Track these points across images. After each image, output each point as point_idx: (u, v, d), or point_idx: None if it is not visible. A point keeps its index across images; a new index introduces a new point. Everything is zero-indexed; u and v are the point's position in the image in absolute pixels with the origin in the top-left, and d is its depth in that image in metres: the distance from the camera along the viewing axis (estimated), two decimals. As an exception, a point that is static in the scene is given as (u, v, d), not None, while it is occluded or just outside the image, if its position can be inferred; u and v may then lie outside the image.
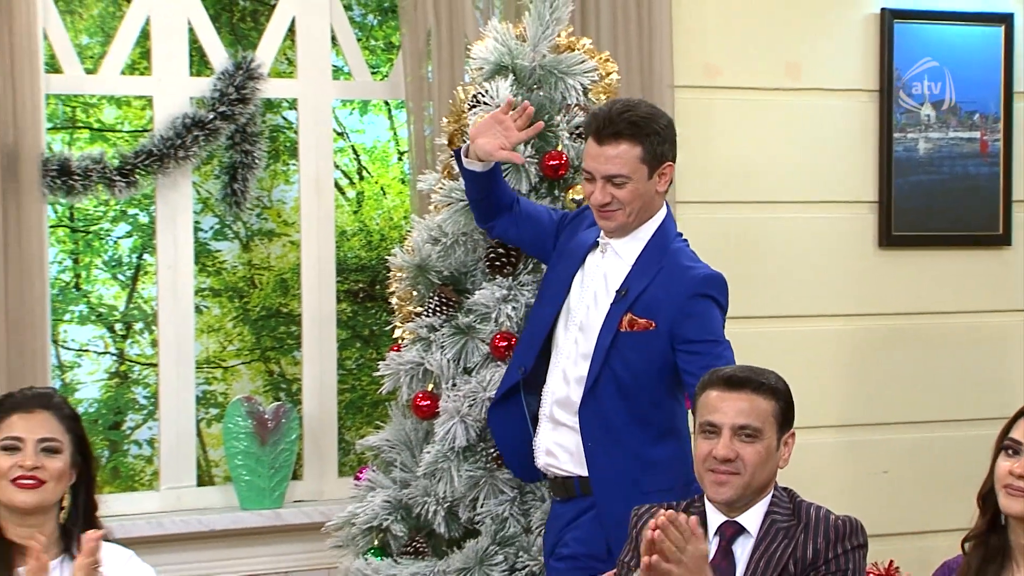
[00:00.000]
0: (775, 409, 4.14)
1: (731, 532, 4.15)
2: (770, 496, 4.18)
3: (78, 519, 4.35)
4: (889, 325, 6.64)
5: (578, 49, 5.46)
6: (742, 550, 4.15)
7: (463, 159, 4.95)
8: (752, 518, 4.15)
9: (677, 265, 4.83)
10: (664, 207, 4.95)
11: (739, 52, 6.47)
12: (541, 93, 5.37)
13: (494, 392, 5.08)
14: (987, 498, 3.96)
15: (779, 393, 4.18)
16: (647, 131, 4.79)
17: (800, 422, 4.36)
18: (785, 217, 6.52)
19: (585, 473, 4.80)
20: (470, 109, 5.37)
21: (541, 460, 4.92)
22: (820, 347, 6.53)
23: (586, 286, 4.90)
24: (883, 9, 6.57)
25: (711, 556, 4.08)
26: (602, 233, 4.90)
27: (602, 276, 4.87)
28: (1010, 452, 3.90)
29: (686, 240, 5.03)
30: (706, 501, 4.21)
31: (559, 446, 4.88)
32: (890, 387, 6.63)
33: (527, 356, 4.97)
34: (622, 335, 4.77)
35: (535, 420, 4.98)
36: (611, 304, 4.80)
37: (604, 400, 4.80)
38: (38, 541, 4.13)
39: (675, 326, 4.73)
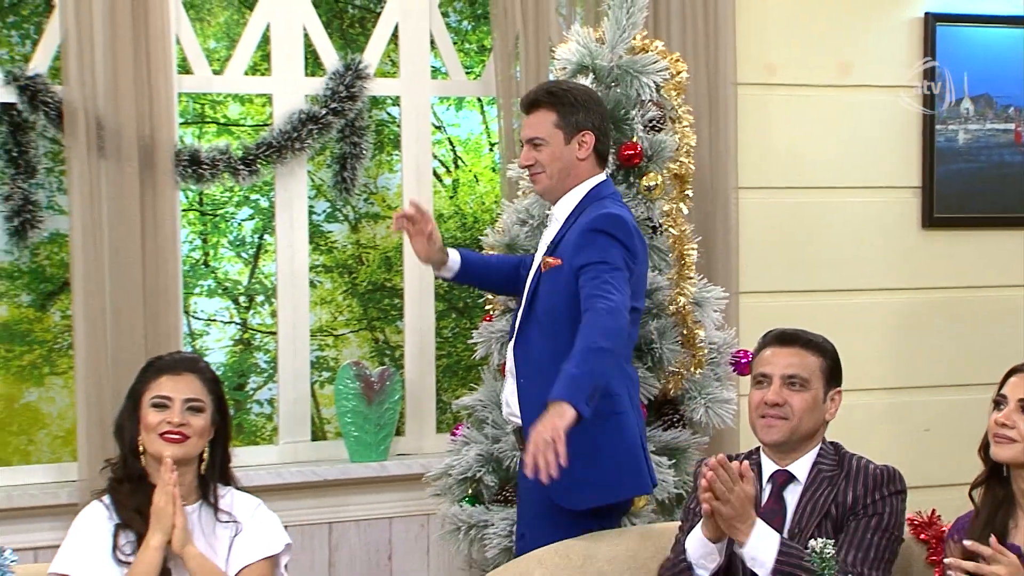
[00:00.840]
0: (822, 365, 4.21)
1: (782, 480, 4.22)
2: (818, 448, 4.23)
3: (215, 470, 4.42)
4: (931, 298, 6.62)
5: (651, 50, 5.46)
6: (792, 496, 4.20)
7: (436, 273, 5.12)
8: (801, 467, 4.20)
9: (587, 215, 4.79)
10: (601, 175, 4.95)
11: (795, 52, 6.45)
12: (618, 90, 5.38)
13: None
14: (986, 450, 4.02)
15: (826, 352, 4.26)
16: (563, 100, 4.86)
17: (850, 384, 4.40)
18: (837, 201, 6.51)
19: None
20: (555, 103, 5.44)
21: (504, 411, 4.96)
22: (869, 318, 6.52)
23: (537, 251, 4.97)
24: (927, 13, 6.54)
25: (764, 501, 4.20)
26: (549, 205, 4.99)
27: (545, 239, 4.92)
28: (999, 406, 3.99)
29: (624, 205, 4.99)
30: (762, 453, 4.28)
31: (512, 395, 4.89)
32: (931, 354, 6.62)
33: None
34: (541, 276, 4.82)
35: None
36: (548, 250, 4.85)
37: (530, 339, 4.83)
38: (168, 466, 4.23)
39: (574, 258, 4.68)
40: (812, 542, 3.41)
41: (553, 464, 4.19)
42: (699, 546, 4.11)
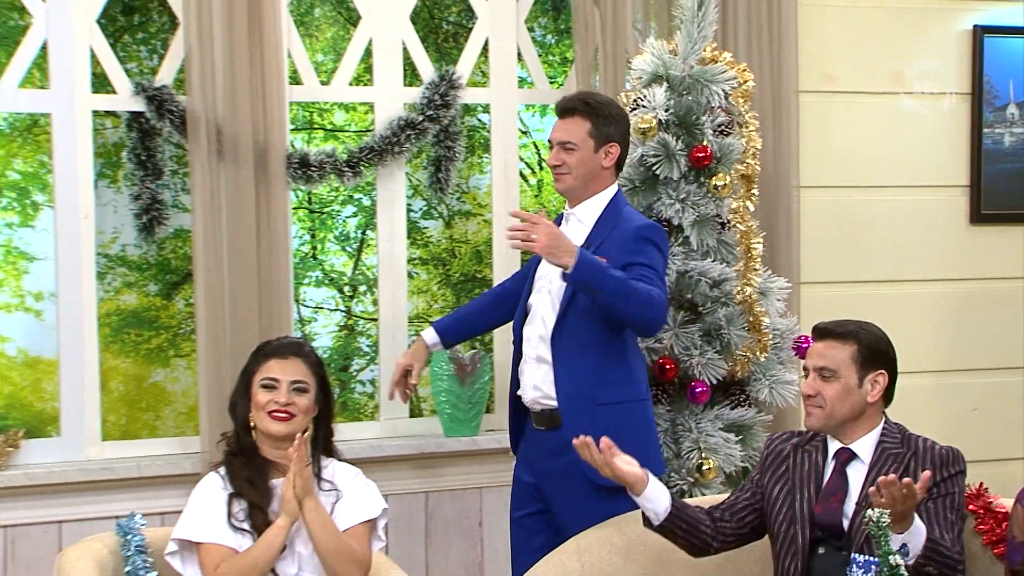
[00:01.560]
0: (853, 353, 4.18)
1: (845, 457, 4.20)
2: (880, 428, 4.22)
3: (318, 444, 4.48)
4: (977, 288, 6.61)
5: (720, 61, 5.50)
6: (855, 473, 4.18)
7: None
8: (863, 446, 4.20)
9: (626, 221, 4.88)
10: (614, 185, 5.01)
11: (853, 62, 6.46)
12: (690, 98, 5.42)
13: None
14: None
15: (860, 339, 4.22)
16: (598, 112, 4.92)
17: (904, 368, 4.39)
18: (891, 199, 6.51)
19: None
20: (631, 111, 5.44)
21: (528, 395, 4.96)
22: (920, 306, 6.52)
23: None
24: (975, 26, 6.53)
25: (828, 476, 4.21)
26: (567, 206, 5.02)
27: (576, 237, 4.86)
28: None
29: (636, 211, 5.11)
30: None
31: (545, 381, 4.90)
32: (978, 339, 6.61)
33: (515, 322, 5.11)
34: None
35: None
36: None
37: (571, 329, 4.83)
38: (297, 444, 4.27)
39: (622, 258, 4.74)
40: (869, 512, 3.40)
41: (531, 243, 4.53)
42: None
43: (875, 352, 4.24)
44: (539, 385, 4.89)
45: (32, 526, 5.47)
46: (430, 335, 5.26)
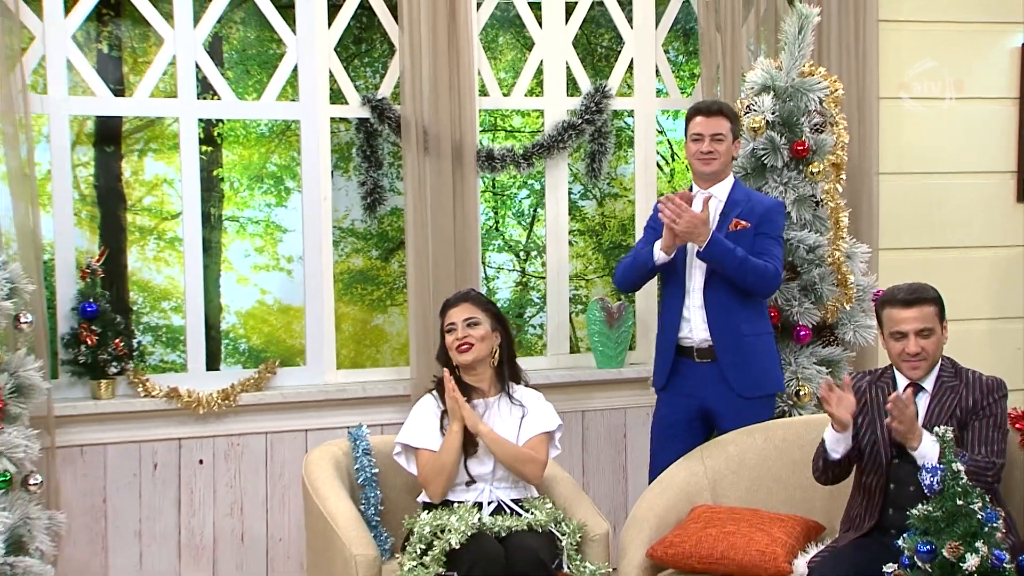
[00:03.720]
0: (936, 311, 4.15)
1: (915, 390, 4.15)
2: (939, 364, 4.18)
3: (504, 365, 4.55)
4: (1021, 253, 6.51)
5: (816, 74, 5.47)
6: (922, 401, 4.13)
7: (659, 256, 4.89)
8: (929, 380, 4.15)
9: (759, 197, 4.98)
10: (732, 175, 5.04)
11: (922, 72, 6.38)
12: (791, 103, 5.40)
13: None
14: None
15: (936, 299, 4.18)
16: (734, 116, 4.98)
17: (961, 315, 4.37)
18: (952, 182, 6.41)
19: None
20: (744, 114, 5.44)
21: (696, 336, 4.89)
22: (974, 267, 6.42)
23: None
24: (1023, 44, 6.44)
25: None
26: (698, 186, 4.97)
27: (713, 210, 4.87)
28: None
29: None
30: (894, 371, 4.24)
31: (703, 324, 4.87)
32: (1021, 292, 6.51)
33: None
34: (730, 233, 4.82)
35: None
36: (720, 219, 4.87)
37: (717, 286, 4.85)
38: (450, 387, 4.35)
39: (760, 226, 4.85)
40: (936, 428, 3.39)
41: (681, 214, 4.63)
42: (831, 436, 4.14)
43: (942, 306, 4.21)
44: (700, 327, 4.88)
45: (285, 433, 5.60)
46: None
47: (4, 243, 4.98)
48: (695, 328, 4.89)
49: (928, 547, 3.11)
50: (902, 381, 4.19)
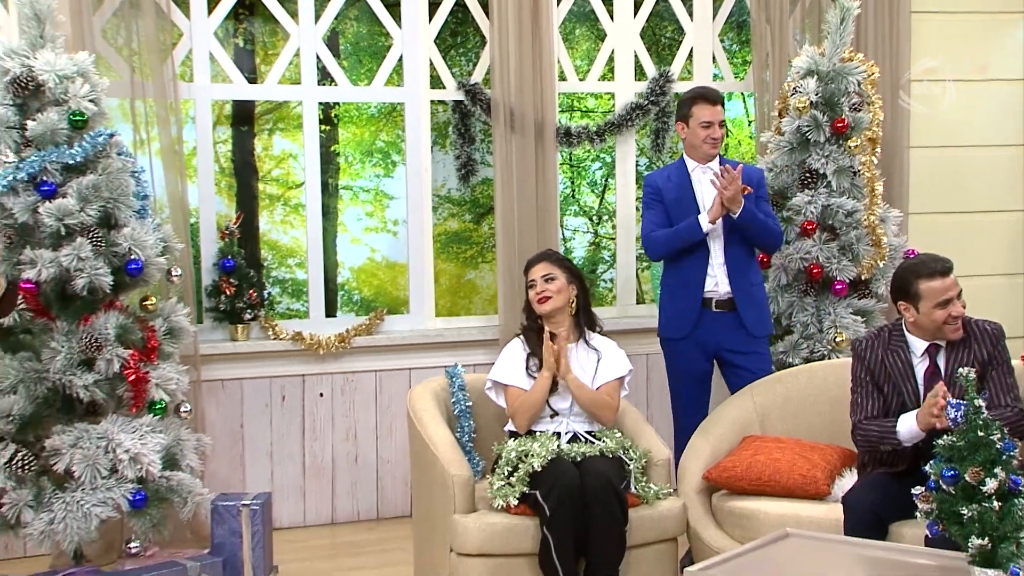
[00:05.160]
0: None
1: (934, 351, 3.98)
2: None
3: (581, 314, 4.49)
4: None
5: (855, 59, 5.40)
6: (941, 358, 3.97)
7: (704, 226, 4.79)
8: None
9: (746, 168, 4.84)
10: None
11: (949, 57, 6.28)
12: (833, 85, 5.33)
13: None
14: None
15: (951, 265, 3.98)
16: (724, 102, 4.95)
17: (981, 271, 4.29)
18: (975, 155, 6.33)
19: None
20: (791, 95, 5.38)
21: (722, 289, 4.85)
22: (995, 229, 6.33)
23: (708, 188, 4.82)
24: (1042, 32, 6.33)
25: (926, 367, 3.98)
26: (693, 164, 4.89)
27: (711, 181, 4.79)
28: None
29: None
30: (905, 332, 4.00)
31: (726, 280, 4.85)
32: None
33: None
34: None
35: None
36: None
37: (735, 245, 4.83)
38: (553, 338, 4.32)
39: (757, 192, 4.83)
40: (961, 370, 3.29)
41: (724, 191, 4.64)
42: (912, 433, 3.86)
43: None
44: (724, 281, 4.86)
45: (392, 372, 5.66)
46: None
47: (157, 208, 5.08)
48: (720, 282, 4.85)
49: (952, 472, 3.08)
50: (917, 343, 3.99)
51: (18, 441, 4.36)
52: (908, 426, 3.85)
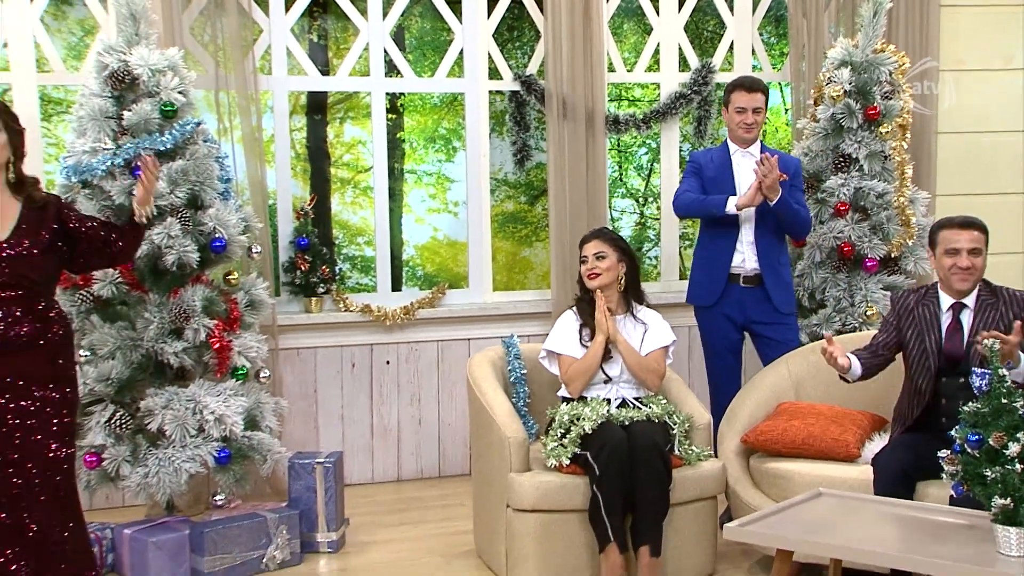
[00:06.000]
0: (985, 238, 3.98)
1: (958, 308, 3.99)
2: (978, 288, 4.03)
3: (629, 289, 4.45)
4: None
5: (886, 50, 5.34)
6: (965, 318, 3.98)
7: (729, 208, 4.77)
8: (970, 298, 4.00)
9: (782, 155, 4.82)
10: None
11: (975, 48, 6.17)
12: (866, 75, 5.27)
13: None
14: None
15: (985, 229, 4.00)
16: (767, 89, 4.88)
17: (1001, 249, 4.24)
18: (998, 140, 6.22)
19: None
20: (826, 84, 5.32)
21: (748, 265, 4.81)
22: (1013, 209, 6.23)
23: (746, 171, 4.79)
24: (1062, 22, 6.19)
25: (948, 323, 3.99)
26: (735, 148, 4.85)
27: (750, 164, 4.76)
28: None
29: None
30: (938, 289, 4.05)
31: (755, 258, 4.81)
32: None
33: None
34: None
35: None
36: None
37: (767, 222, 4.78)
38: (600, 302, 4.28)
39: (792, 181, 4.78)
40: (986, 341, 3.26)
41: (763, 179, 4.59)
42: (851, 375, 4.03)
43: (988, 236, 4.06)
44: (752, 259, 4.83)
45: (453, 341, 5.69)
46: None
47: (239, 191, 5.13)
48: (747, 260, 4.82)
49: (977, 437, 3.05)
50: (945, 299, 4.02)
51: (116, 402, 4.46)
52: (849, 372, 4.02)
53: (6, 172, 3.45)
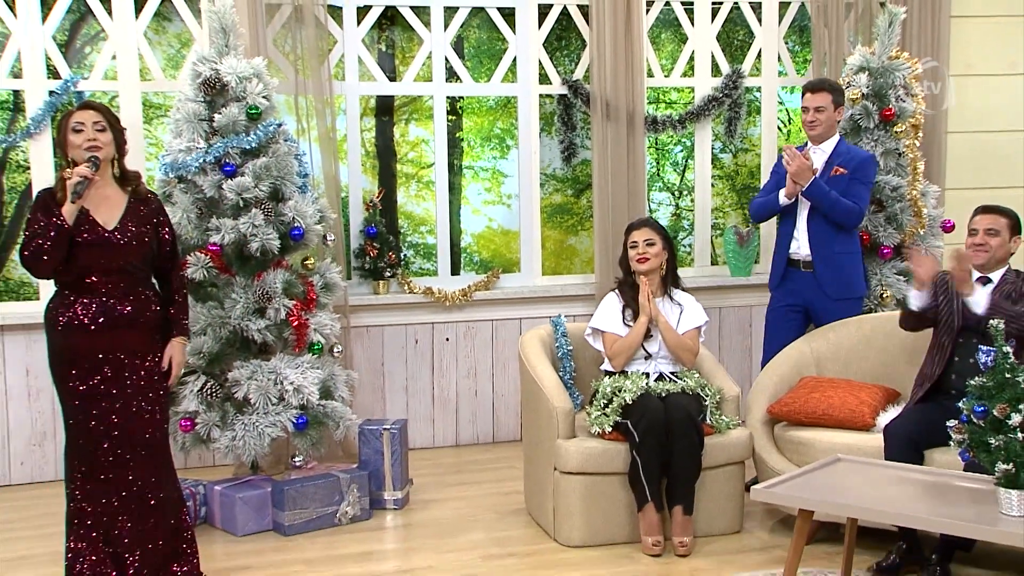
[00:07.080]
0: (1008, 223, 3.99)
1: (983, 281, 3.98)
2: (1006, 269, 3.99)
3: (669, 275, 4.43)
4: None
5: (901, 57, 5.29)
6: (987, 290, 3.93)
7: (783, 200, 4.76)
8: (995, 276, 3.98)
9: (856, 152, 4.77)
10: (838, 133, 4.83)
11: (984, 53, 6.08)
12: (881, 80, 5.23)
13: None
14: None
15: (1010, 215, 4.01)
16: (836, 89, 4.77)
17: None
18: (1003, 138, 6.13)
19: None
20: (845, 88, 5.26)
21: (802, 251, 4.77)
22: (1021, 200, 6.11)
23: (816, 165, 4.73)
24: (1069, 29, 6.07)
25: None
26: (810, 144, 4.80)
27: (821, 160, 4.74)
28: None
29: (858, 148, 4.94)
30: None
31: (807, 244, 4.75)
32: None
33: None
34: (831, 178, 4.68)
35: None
36: (825, 167, 4.72)
37: (818, 214, 4.70)
38: (644, 289, 4.27)
39: (854, 174, 4.69)
40: (992, 322, 3.23)
41: (793, 160, 4.59)
42: (913, 293, 4.04)
43: (1018, 223, 4.03)
44: (805, 246, 4.78)
45: (506, 320, 5.70)
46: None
47: (315, 185, 5.18)
48: (801, 246, 4.79)
49: (982, 408, 3.04)
50: (975, 273, 3.97)
51: (207, 373, 4.54)
52: (911, 290, 4.06)
53: (111, 167, 3.52)
